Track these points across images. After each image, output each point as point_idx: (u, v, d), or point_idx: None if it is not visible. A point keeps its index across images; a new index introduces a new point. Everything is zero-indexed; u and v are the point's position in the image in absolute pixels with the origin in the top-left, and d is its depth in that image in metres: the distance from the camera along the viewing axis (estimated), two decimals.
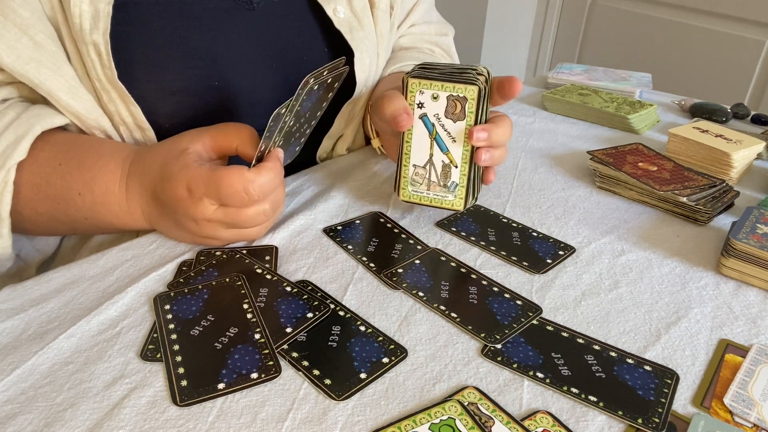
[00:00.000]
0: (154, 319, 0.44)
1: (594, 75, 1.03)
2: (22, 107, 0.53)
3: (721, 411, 0.39)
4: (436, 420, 0.37)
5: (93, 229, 0.58)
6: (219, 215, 0.50)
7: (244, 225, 0.51)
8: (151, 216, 0.53)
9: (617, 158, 0.69)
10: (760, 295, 0.51)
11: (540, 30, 2.42)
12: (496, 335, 0.44)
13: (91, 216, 0.54)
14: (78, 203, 0.53)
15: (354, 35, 0.67)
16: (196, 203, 0.49)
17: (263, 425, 0.36)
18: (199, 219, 0.50)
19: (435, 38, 0.84)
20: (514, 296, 0.49)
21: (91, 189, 0.53)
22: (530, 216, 0.61)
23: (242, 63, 0.62)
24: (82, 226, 0.56)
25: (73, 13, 0.51)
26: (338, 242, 0.55)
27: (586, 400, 0.39)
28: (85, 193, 0.53)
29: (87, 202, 0.53)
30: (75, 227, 0.56)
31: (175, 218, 0.51)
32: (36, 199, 0.53)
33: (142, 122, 0.56)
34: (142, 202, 0.53)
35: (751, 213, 0.58)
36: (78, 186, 0.53)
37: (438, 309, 0.47)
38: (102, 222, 0.54)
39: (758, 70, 1.88)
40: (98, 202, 0.53)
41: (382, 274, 0.51)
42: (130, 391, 0.38)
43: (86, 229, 0.57)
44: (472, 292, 0.49)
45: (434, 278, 0.50)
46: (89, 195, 0.53)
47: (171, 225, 0.52)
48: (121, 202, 0.53)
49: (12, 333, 0.42)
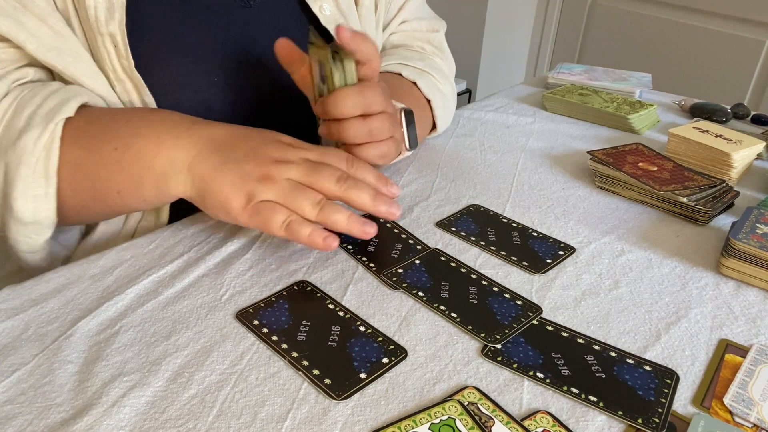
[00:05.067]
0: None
1: (594, 75, 1.03)
2: (63, 84, 0.54)
3: (721, 411, 0.39)
4: (436, 420, 0.37)
5: (115, 186, 0.52)
6: (306, 151, 0.50)
7: (320, 179, 0.48)
8: (200, 158, 0.49)
9: (617, 158, 0.69)
10: (760, 295, 0.51)
11: (540, 30, 2.42)
12: (496, 335, 0.44)
13: (121, 156, 0.50)
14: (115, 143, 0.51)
15: None
16: (291, 139, 0.51)
17: (263, 425, 0.36)
18: (285, 141, 0.50)
19: (426, 35, 0.83)
20: (514, 296, 0.49)
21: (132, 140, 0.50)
22: (530, 216, 0.61)
23: (241, 60, 0.62)
24: (110, 176, 0.51)
25: (88, 5, 0.52)
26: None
27: (586, 400, 0.39)
28: (122, 142, 0.50)
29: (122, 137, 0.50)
30: (102, 178, 0.52)
31: (243, 150, 0.49)
32: (76, 145, 0.51)
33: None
34: (195, 144, 0.50)
35: (751, 213, 0.58)
36: (117, 141, 0.51)
37: (438, 309, 0.47)
38: (130, 168, 0.50)
39: (758, 70, 1.88)
40: (134, 135, 0.50)
41: (382, 274, 0.50)
42: (129, 390, 0.38)
43: (108, 186, 0.52)
44: (472, 292, 0.49)
45: (434, 278, 0.50)
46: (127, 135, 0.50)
47: (224, 168, 0.48)
48: (157, 144, 0.50)
49: (12, 333, 0.42)
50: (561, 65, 1.09)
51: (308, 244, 0.48)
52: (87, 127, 0.51)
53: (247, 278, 0.49)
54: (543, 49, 2.44)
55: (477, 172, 0.71)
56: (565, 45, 2.35)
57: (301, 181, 0.49)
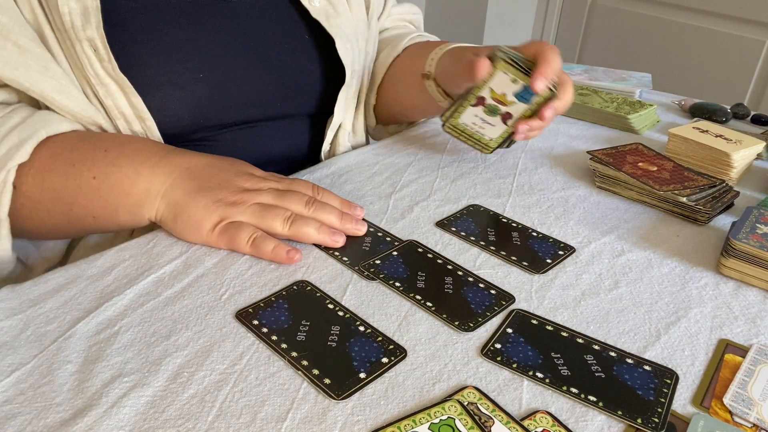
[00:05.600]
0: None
1: (594, 75, 1.03)
2: (28, 111, 0.53)
3: (720, 411, 0.39)
4: (436, 420, 0.37)
5: (91, 212, 0.54)
6: (275, 182, 0.54)
7: (289, 203, 0.53)
8: (174, 186, 0.52)
9: (617, 158, 0.69)
10: (759, 295, 0.51)
11: (540, 30, 2.42)
12: (470, 323, 0.45)
13: (95, 191, 0.52)
14: (89, 174, 0.52)
15: (331, 22, 0.68)
16: (263, 173, 0.55)
17: (263, 425, 0.36)
18: (256, 174, 0.54)
19: (409, 17, 0.90)
20: (488, 286, 0.50)
21: (106, 170, 0.52)
22: (530, 216, 0.61)
23: (225, 55, 0.62)
24: (80, 209, 0.53)
25: (62, 12, 0.51)
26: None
27: (586, 400, 0.39)
28: (99, 168, 0.52)
29: (99, 170, 0.52)
30: (74, 208, 0.53)
31: (216, 180, 0.52)
32: (46, 172, 0.52)
33: (143, 112, 0.56)
34: (170, 174, 0.52)
35: (751, 213, 0.58)
36: (90, 170, 0.52)
37: (414, 299, 0.48)
38: (103, 200, 0.52)
39: (758, 70, 1.88)
40: (107, 172, 0.52)
41: (360, 265, 0.51)
42: (129, 390, 0.38)
43: (85, 211, 0.53)
44: (448, 282, 0.50)
45: (411, 269, 0.51)
46: (102, 165, 0.52)
47: (198, 194, 0.51)
48: (134, 174, 0.52)
49: (10, 333, 0.42)
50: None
51: (273, 258, 0.51)
52: (66, 154, 0.52)
53: (247, 278, 0.49)
54: None
55: (477, 172, 0.71)
56: (565, 45, 2.35)
57: (270, 204, 0.53)
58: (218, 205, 0.51)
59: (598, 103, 0.89)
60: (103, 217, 0.53)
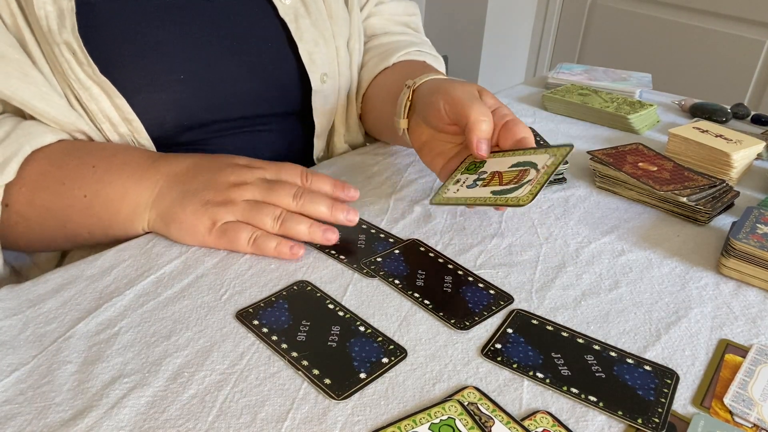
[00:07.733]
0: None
1: (594, 75, 1.03)
2: (12, 124, 0.52)
3: (721, 411, 0.39)
4: (436, 420, 0.37)
5: (86, 228, 0.55)
6: (262, 170, 0.53)
7: (277, 197, 0.52)
8: (161, 195, 0.52)
9: (617, 158, 0.69)
10: (760, 295, 0.51)
11: (540, 30, 2.42)
12: (466, 322, 0.45)
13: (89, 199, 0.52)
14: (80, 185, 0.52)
15: (299, 23, 0.67)
16: (247, 160, 0.54)
17: (263, 425, 0.36)
18: (240, 163, 0.53)
19: (405, 18, 0.84)
20: (487, 286, 0.50)
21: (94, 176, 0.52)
22: (530, 216, 0.61)
23: (204, 55, 0.61)
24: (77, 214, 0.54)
25: (39, 16, 0.51)
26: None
27: (586, 400, 0.39)
28: (87, 179, 0.52)
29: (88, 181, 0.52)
30: (69, 214, 0.54)
31: (200, 181, 0.52)
32: (36, 186, 0.52)
33: (129, 113, 0.56)
34: (156, 183, 0.52)
35: (751, 213, 0.58)
36: (79, 184, 0.52)
37: (412, 296, 0.48)
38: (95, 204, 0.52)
39: (758, 70, 1.88)
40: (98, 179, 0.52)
41: (361, 262, 0.51)
42: (129, 391, 0.38)
43: (79, 227, 0.54)
44: (447, 281, 0.50)
45: (411, 267, 0.51)
46: (91, 175, 0.52)
47: (185, 199, 0.51)
48: (122, 190, 0.52)
49: (10, 333, 0.42)
50: (561, 65, 1.09)
51: (276, 255, 0.51)
52: (54, 171, 0.52)
53: (247, 278, 0.49)
54: (543, 49, 2.44)
55: None
56: (565, 45, 2.35)
57: (258, 200, 0.52)
58: (207, 208, 0.51)
59: (598, 103, 0.89)
60: (98, 233, 0.54)
